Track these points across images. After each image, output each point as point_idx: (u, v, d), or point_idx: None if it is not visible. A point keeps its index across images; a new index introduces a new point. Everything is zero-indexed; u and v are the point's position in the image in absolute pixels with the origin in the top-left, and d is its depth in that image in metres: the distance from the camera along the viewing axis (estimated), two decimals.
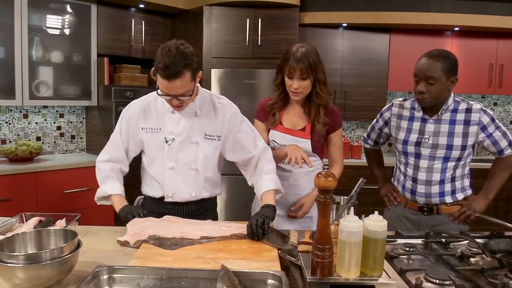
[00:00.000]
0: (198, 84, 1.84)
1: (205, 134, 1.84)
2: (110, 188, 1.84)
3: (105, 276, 1.19)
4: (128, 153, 1.89)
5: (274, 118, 2.06)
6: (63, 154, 3.92)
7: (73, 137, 4.00)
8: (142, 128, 1.84)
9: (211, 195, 1.94)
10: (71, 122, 3.98)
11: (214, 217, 1.98)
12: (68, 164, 3.43)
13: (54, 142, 3.89)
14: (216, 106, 1.88)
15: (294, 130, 2.04)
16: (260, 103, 2.16)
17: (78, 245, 1.25)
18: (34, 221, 1.62)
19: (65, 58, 3.62)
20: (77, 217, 1.67)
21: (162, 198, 1.86)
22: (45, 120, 3.83)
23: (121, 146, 1.87)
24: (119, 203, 1.80)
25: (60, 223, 1.63)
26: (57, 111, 3.88)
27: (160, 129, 1.82)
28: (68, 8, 3.59)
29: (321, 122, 2.01)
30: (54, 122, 3.88)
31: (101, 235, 1.64)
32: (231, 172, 3.59)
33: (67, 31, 3.63)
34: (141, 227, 1.58)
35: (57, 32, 3.58)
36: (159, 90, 1.68)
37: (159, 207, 1.89)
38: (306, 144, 2.02)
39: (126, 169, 1.92)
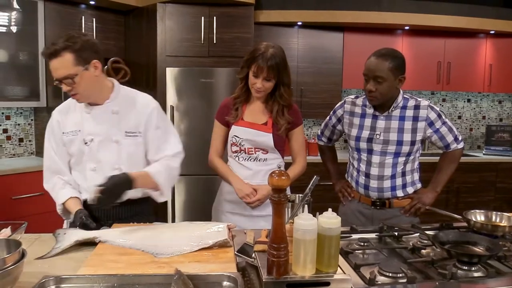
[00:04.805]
0: (114, 81, 1.83)
1: (125, 132, 1.79)
2: (61, 196, 1.78)
3: (52, 287, 1.13)
4: (64, 162, 1.85)
5: (236, 113, 2.06)
6: (10, 158, 3.73)
7: (21, 140, 3.81)
8: (63, 133, 1.80)
9: (143, 196, 1.85)
10: (19, 124, 3.79)
11: (150, 221, 1.84)
12: (16, 169, 3.25)
13: (1, 145, 3.68)
14: (137, 101, 1.85)
15: (256, 124, 2.05)
16: (221, 104, 2.15)
17: (23, 255, 1.18)
18: None
19: (10, 56, 3.43)
20: (24, 225, 1.58)
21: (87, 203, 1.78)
22: None
23: (55, 157, 1.83)
24: (73, 208, 1.74)
25: (5, 232, 1.53)
26: (2, 113, 3.68)
27: (79, 131, 1.78)
28: (15, 4, 3.41)
29: (284, 120, 2.04)
30: (0, 125, 3.68)
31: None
32: (189, 173, 3.58)
33: (12, 28, 3.44)
34: None
35: (1, 29, 3.38)
36: None
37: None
38: (267, 138, 2.03)
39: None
